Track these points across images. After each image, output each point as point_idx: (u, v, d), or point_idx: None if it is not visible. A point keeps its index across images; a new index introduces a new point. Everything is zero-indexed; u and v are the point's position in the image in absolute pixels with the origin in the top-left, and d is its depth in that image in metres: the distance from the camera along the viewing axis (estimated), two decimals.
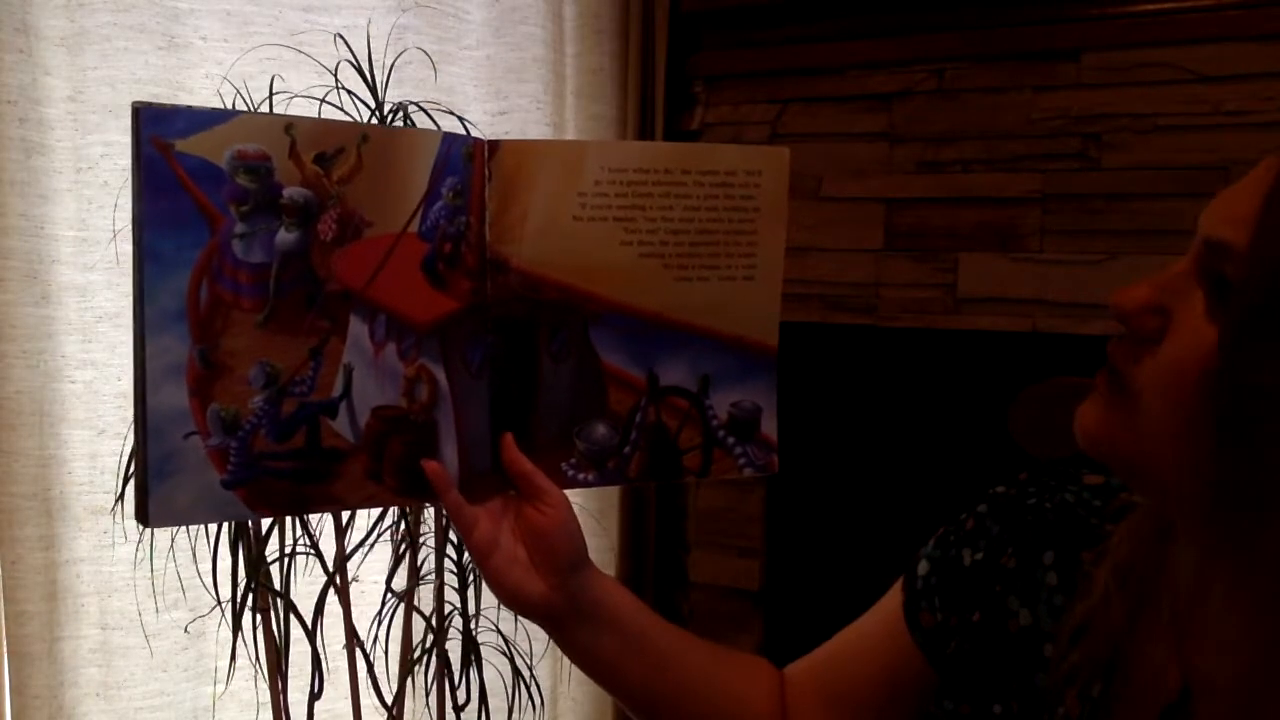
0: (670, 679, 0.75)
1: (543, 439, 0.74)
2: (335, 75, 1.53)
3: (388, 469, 0.68)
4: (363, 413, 0.67)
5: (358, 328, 0.66)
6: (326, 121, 0.70)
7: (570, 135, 1.95)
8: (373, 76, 1.54)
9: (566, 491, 0.74)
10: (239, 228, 0.62)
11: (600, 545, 2.02)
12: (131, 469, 1.44)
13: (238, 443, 0.63)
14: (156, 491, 0.60)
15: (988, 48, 1.71)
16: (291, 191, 0.63)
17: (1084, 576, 0.64)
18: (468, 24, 1.89)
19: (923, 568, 0.74)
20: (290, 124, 0.63)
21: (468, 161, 0.69)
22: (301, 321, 0.64)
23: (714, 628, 2.04)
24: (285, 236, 0.63)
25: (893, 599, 0.75)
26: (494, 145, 0.70)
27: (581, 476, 0.75)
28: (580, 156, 0.72)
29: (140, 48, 1.61)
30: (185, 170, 0.59)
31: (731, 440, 0.78)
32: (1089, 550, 0.66)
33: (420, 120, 1.55)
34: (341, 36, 1.56)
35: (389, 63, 1.58)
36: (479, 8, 1.90)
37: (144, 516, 0.61)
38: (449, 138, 0.69)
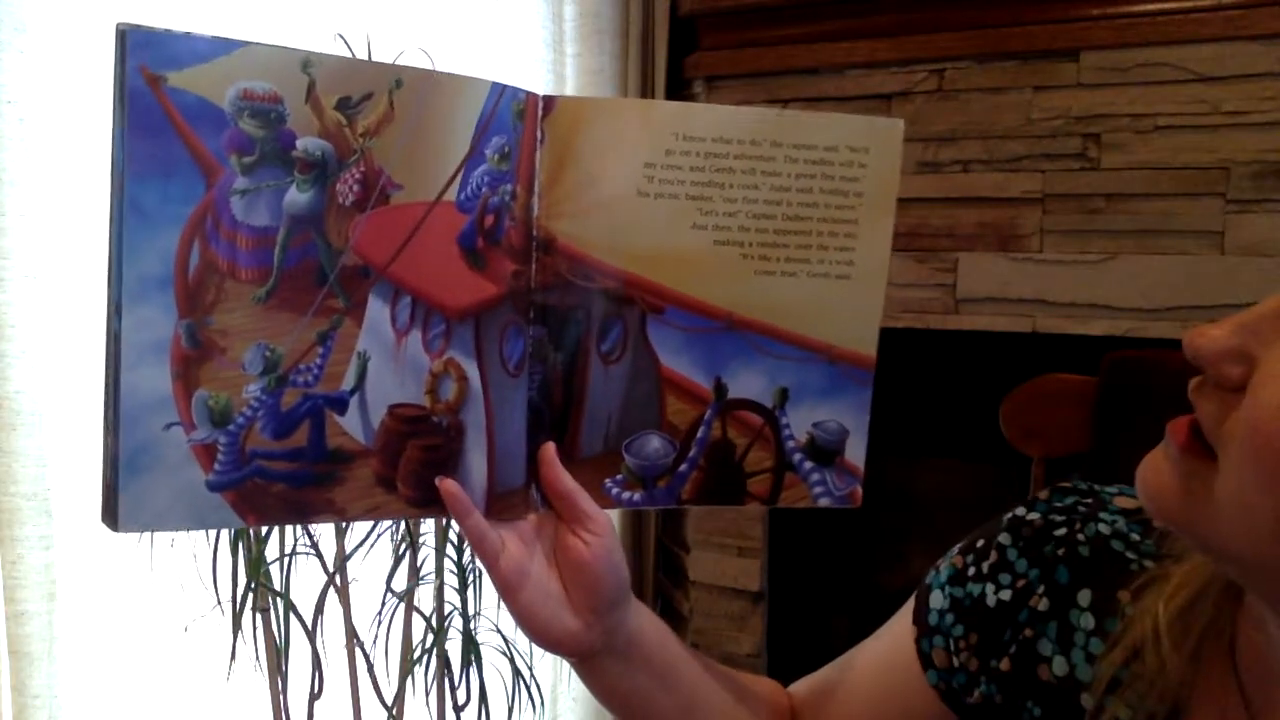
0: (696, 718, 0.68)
1: (585, 451, 0.64)
2: None
3: (403, 477, 0.58)
4: (377, 410, 0.57)
5: (377, 310, 0.56)
6: (353, 60, 0.57)
7: None
8: None
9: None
10: (240, 182, 0.51)
11: None
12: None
13: (228, 438, 0.53)
14: (128, 489, 0.52)
15: (988, 48, 1.70)
16: (306, 142, 0.53)
17: (1123, 618, 0.57)
18: (468, 24, 1.89)
19: (936, 600, 0.67)
20: (309, 61, 0.52)
21: (518, 119, 0.58)
22: (310, 299, 0.54)
23: (714, 627, 2.04)
24: (296, 196, 0.53)
25: (904, 626, 0.69)
26: (549, 101, 0.59)
27: (626, 496, 0.65)
28: (650, 120, 0.60)
29: None
30: (178, 109, 0.49)
31: (808, 465, 0.68)
32: (1126, 589, 0.58)
33: None
34: (342, 36, 1.56)
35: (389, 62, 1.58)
36: (479, 8, 1.90)
37: (112, 519, 0.52)
38: (497, 88, 0.57)
